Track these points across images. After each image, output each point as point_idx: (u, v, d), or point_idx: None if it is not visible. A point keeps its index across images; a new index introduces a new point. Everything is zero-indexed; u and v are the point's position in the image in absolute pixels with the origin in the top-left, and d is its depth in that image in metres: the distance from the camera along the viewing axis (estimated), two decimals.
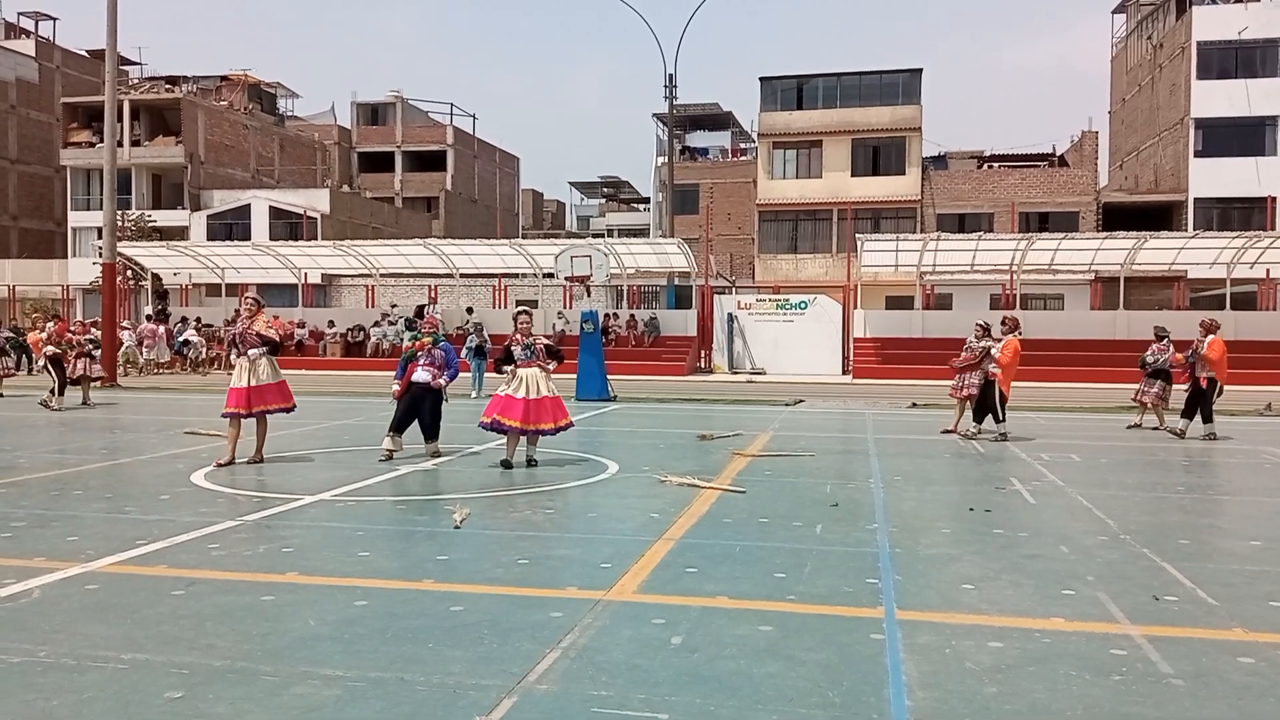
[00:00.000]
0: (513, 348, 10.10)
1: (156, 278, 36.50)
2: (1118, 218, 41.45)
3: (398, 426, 10.65)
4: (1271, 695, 3.93)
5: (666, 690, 3.92)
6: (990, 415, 12.93)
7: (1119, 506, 8.09)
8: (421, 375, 10.66)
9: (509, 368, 10.09)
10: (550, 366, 10.23)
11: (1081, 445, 12.54)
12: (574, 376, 19.97)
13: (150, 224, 44.22)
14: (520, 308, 10.71)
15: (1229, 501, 8.93)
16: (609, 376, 20.05)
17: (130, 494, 8.53)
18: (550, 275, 29.06)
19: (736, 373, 29.82)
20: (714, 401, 19.68)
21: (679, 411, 17.47)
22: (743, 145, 55.15)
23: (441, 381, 10.72)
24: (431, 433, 10.85)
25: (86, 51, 53.39)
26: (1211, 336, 13.10)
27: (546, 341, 10.55)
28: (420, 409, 10.74)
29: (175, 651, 4.34)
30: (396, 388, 10.84)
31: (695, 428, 14.04)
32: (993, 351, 12.82)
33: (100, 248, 26.20)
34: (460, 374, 11.69)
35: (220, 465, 9.89)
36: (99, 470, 9.88)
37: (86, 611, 4.95)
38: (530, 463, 10.10)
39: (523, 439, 10.07)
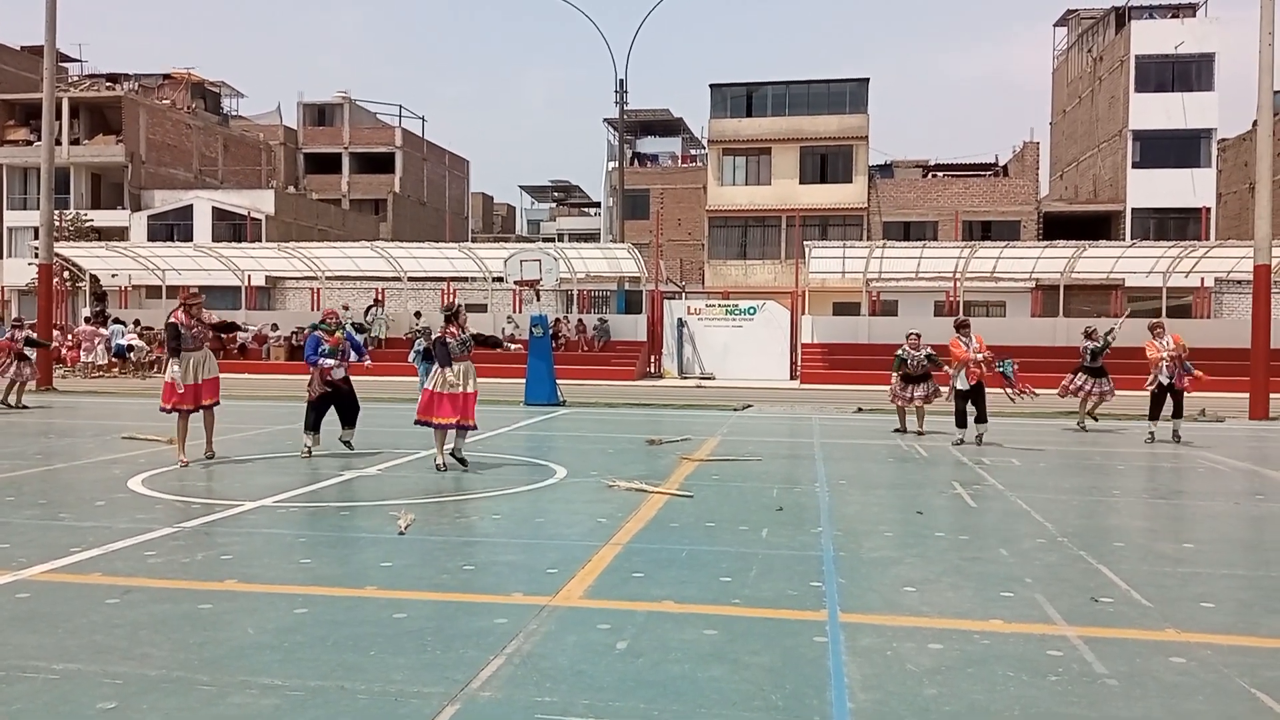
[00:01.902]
0: (449, 341, 9.98)
1: (95, 279, 35.70)
2: (1058, 227, 42.35)
3: (312, 425, 11.06)
4: (1201, 694, 4.03)
5: (611, 695, 3.92)
6: (958, 419, 13.31)
7: (1057, 510, 8.24)
8: (337, 373, 11.01)
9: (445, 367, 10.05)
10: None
11: (1021, 450, 12.76)
12: (523, 381, 19.91)
13: (88, 224, 43.26)
14: (460, 305, 10.67)
15: (1164, 505, 9.14)
16: (558, 381, 20.00)
17: (65, 500, 8.32)
18: (500, 279, 28.96)
19: (686, 378, 29.91)
20: (663, 406, 19.72)
21: (628, 416, 17.47)
22: (693, 152, 55.42)
23: (341, 369, 10.92)
24: (348, 421, 11.11)
25: (24, 47, 52.09)
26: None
27: (476, 332, 10.63)
28: (330, 405, 11.04)
29: (109, 661, 4.25)
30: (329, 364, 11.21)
31: (644, 432, 14.05)
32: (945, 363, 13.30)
33: (37, 248, 25.55)
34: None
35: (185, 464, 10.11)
36: (32, 476, 9.62)
37: (17, 621, 4.82)
38: (462, 463, 10.09)
39: (451, 434, 10.13)
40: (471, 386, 10.07)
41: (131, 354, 29.19)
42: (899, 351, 14.27)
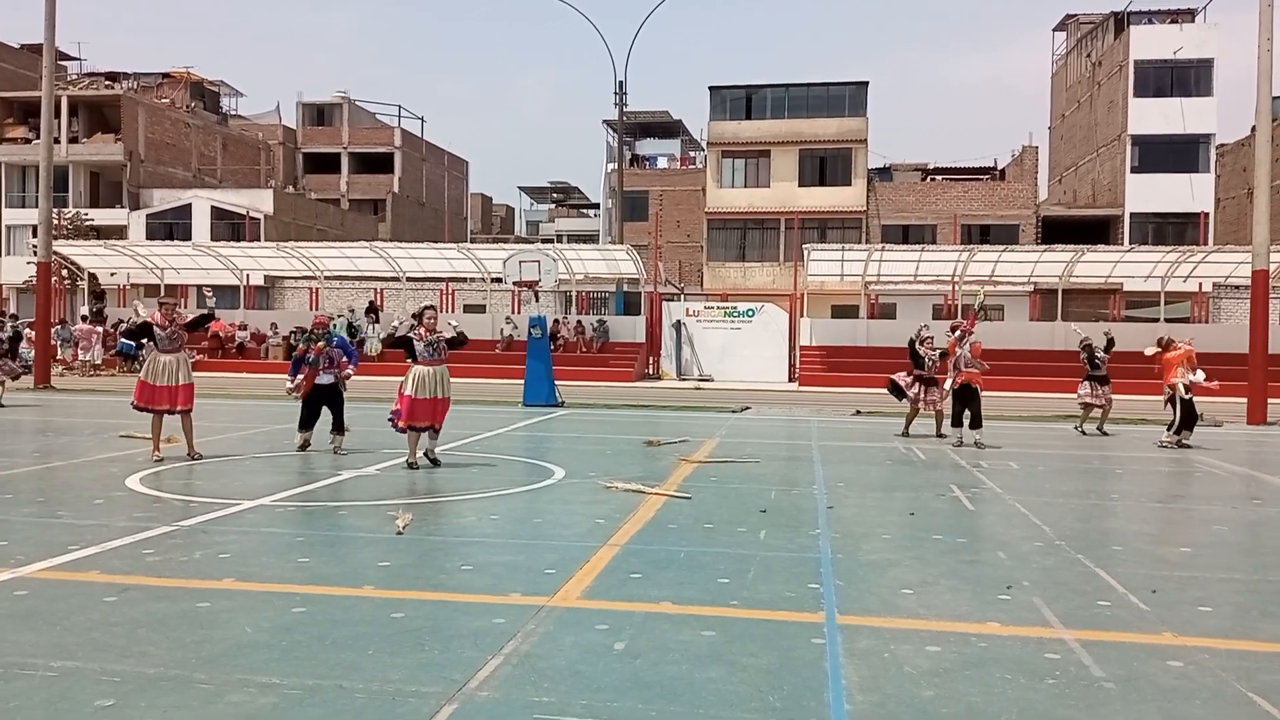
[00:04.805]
0: (416, 343, 10.20)
1: (93, 278, 35.67)
2: (1056, 231, 42.33)
3: (305, 424, 11.32)
4: (1198, 697, 4.03)
5: (608, 696, 3.92)
6: (953, 420, 13.57)
7: (1055, 513, 8.25)
8: (324, 379, 11.24)
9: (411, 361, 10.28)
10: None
11: (1019, 453, 12.78)
12: (521, 382, 19.91)
13: (87, 222, 43.21)
14: (426, 305, 10.77)
15: (1161, 509, 9.15)
16: (556, 382, 19.99)
17: (63, 498, 8.32)
18: (498, 280, 28.94)
19: (684, 379, 29.91)
20: (661, 408, 19.72)
21: (626, 418, 17.48)
22: (692, 154, 55.38)
23: (349, 371, 11.36)
24: (337, 427, 11.26)
25: (23, 45, 52.04)
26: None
27: (451, 335, 10.67)
28: (322, 405, 11.28)
29: (106, 659, 4.24)
30: (289, 385, 11.55)
31: (642, 434, 14.05)
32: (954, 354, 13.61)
33: (35, 246, 25.54)
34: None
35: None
36: (30, 474, 9.62)
37: (14, 618, 4.82)
38: (435, 463, 10.25)
39: (424, 435, 10.28)
40: (443, 393, 10.24)
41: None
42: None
